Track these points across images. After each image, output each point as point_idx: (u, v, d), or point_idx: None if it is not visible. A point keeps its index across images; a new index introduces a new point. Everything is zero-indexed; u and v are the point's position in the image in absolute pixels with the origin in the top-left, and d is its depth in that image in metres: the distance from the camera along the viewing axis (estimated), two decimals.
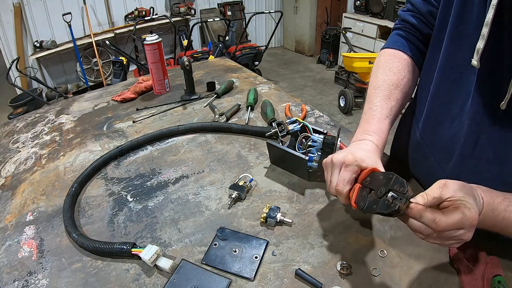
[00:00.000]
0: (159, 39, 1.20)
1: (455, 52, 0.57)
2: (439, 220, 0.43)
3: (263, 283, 0.57)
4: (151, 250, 0.59)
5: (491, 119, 0.53)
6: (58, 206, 0.75)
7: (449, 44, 0.58)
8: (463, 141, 0.58)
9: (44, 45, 3.77)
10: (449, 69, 0.59)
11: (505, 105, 0.48)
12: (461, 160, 0.60)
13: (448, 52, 0.58)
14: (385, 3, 3.84)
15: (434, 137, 0.66)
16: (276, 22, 3.89)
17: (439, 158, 0.66)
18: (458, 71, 0.56)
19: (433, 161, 0.67)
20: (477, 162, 0.58)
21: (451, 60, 0.58)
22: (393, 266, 0.58)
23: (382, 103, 0.66)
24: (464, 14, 0.53)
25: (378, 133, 0.64)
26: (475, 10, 0.51)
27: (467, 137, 0.57)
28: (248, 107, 1.12)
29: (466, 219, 0.43)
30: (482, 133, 0.55)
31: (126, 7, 4.42)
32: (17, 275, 0.60)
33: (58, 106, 1.26)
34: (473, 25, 0.52)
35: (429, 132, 0.68)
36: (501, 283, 0.52)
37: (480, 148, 0.56)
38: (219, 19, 4.41)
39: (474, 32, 0.50)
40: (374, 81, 0.70)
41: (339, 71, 4.30)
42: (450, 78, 0.59)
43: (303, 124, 0.82)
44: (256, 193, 0.77)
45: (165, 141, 0.98)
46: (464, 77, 0.55)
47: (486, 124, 0.54)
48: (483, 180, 0.53)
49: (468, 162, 0.59)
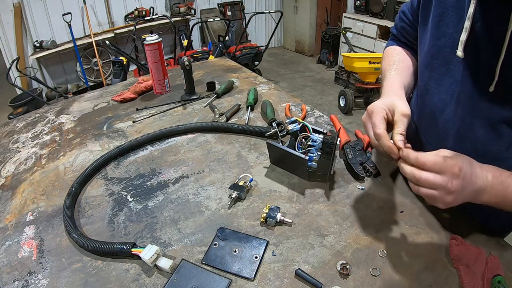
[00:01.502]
0: (159, 39, 1.20)
1: (440, 48, 0.63)
2: (420, 157, 0.50)
3: (263, 283, 0.57)
4: (151, 250, 0.59)
5: (482, 102, 0.58)
6: (58, 206, 0.76)
7: (433, 43, 0.65)
8: (457, 126, 0.63)
9: (44, 45, 3.77)
10: (437, 64, 0.65)
11: (493, 87, 0.54)
12: (458, 144, 0.64)
13: (433, 49, 0.65)
14: (385, 3, 3.84)
15: (429, 126, 0.71)
16: (276, 22, 3.89)
17: (435, 145, 0.69)
18: (445, 65, 0.62)
19: (430, 149, 0.69)
20: (474, 145, 0.62)
21: (437, 56, 0.64)
22: (393, 266, 0.58)
23: (395, 77, 0.75)
24: (443, 19, 0.61)
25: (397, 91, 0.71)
26: (452, 12, 0.59)
27: (461, 122, 0.62)
28: (248, 107, 1.12)
29: (446, 164, 0.49)
30: (475, 116, 0.60)
31: (126, 7, 4.42)
32: (17, 275, 0.60)
33: (58, 106, 1.26)
34: (452, 24, 0.59)
35: (424, 122, 0.74)
36: (501, 283, 0.52)
37: (475, 130, 0.61)
38: (219, 19, 4.40)
39: (454, 30, 0.59)
40: (388, 60, 0.82)
41: (339, 71, 4.30)
42: (438, 72, 0.65)
43: (302, 124, 0.82)
44: (256, 193, 0.77)
45: (165, 141, 0.98)
46: (451, 68, 0.61)
47: (477, 107, 0.59)
48: (481, 161, 0.56)
49: (465, 145, 0.63)
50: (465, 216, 0.67)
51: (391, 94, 0.67)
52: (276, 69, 5.06)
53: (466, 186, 0.50)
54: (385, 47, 0.90)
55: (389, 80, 0.73)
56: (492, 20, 0.53)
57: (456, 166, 0.49)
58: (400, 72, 0.76)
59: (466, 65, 0.58)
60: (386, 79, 0.75)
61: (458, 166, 0.49)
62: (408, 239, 0.63)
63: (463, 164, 0.50)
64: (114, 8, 4.34)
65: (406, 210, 0.69)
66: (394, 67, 0.78)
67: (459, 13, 0.58)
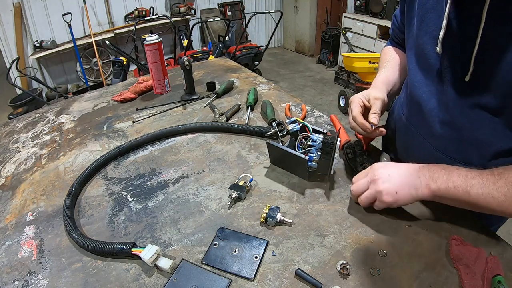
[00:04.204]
0: (159, 39, 1.20)
1: (422, 46, 0.69)
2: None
3: (263, 283, 0.57)
4: (151, 250, 0.59)
5: (461, 91, 0.64)
6: (58, 206, 0.76)
7: (417, 42, 0.71)
8: (442, 115, 0.69)
9: (44, 45, 3.76)
10: (421, 60, 0.71)
11: (469, 77, 0.60)
12: (445, 131, 0.70)
13: (417, 47, 0.71)
14: (385, 3, 3.84)
15: (417, 116, 0.77)
16: (276, 22, 3.89)
17: (424, 134, 0.77)
18: (428, 60, 0.69)
19: (420, 138, 0.78)
20: (459, 131, 0.67)
21: (421, 53, 0.71)
22: (393, 266, 0.58)
23: (382, 74, 0.87)
24: (424, 20, 0.67)
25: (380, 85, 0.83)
26: (432, 14, 0.65)
27: (445, 111, 0.68)
28: (248, 107, 1.12)
29: (366, 170, 0.68)
30: (456, 104, 0.65)
31: (126, 7, 4.42)
32: (17, 275, 0.60)
33: (58, 106, 1.26)
34: (432, 23, 0.65)
35: (413, 113, 0.80)
36: (501, 283, 0.52)
37: (459, 118, 0.66)
38: (219, 19, 4.40)
39: (433, 28, 0.65)
40: (382, 59, 0.94)
41: (339, 71, 4.30)
42: (423, 67, 0.71)
43: (302, 124, 0.82)
44: (256, 193, 0.77)
45: (165, 141, 0.98)
46: (433, 63, 0.68)
47: (457, 96, 0.64)
48: (469, 147, 0.67)
49: (452, 133, 0.69)
50: (465, 216, 0.67)
51: (371, 88, 0.82)
52: (276, 69, 5.06)
53: (391, 174, 0.63)
54: (384, 47, 1.00)
55: (376, 78, 0.87)
56: (465, 18, 0.58)
57: (371, 167, 0.66)
58: (389, 69, 0.88)
59: (445, 60, 0.64)
60: (375, 78, 0.87)
61: (372, 167, 0.66)
62: (408, 239, 0.63)
63: (376, 164, 0.67)
64: (114, 8, 4.34)
65: (406, 210, 0.69)
66: (385, 65, 0.90)
67: (438, 13, 0.63)
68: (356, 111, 0.75)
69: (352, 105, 0.76)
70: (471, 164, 0.64)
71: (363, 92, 0.79)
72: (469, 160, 0.68)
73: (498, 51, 0.55)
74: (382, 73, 0.87)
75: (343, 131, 0.92)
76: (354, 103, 0.76)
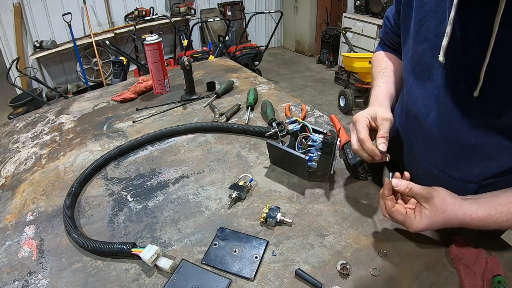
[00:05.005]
0: (159, 39, 1.20)
1: (421, 53, 0.63)
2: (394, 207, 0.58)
3: (263, 283, 0.57)
4: (151, 250, 0.59)
5: (467, 107, 0.58)
6: (58, 206, 0.76)
7: (415, 49, 0.65)
8: (443, 131, 0.63)
9: (44, 45, 3.76)
10: (419, 69, 0.65)
11: (478, 92, 0.53)
12: (445, 146, 0.65)
13: (415, 54, 0.65)
14: (385, 3, 3.84)
15: (414, 130, 0.72)
16: (276, 22, 3.89)
17: (421, 149, 0.72)
18: (427, 70, 0.62)
19: (417, 154, 0.73)
20: (460, 148, 0.62)
21: (419, 61, 0.64)
22: (393, 266, 0.58)
23: (382, 87, 0.79)
24: (424, 24, 0.61)
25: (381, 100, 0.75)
26: (432, 17, 0.59)
27: (446, 126, 0.62)
28: (248, 107, 1.12)
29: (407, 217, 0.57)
30: (460, 121, 0.59)
31: (126, 7, 4.42)
32: (17, 275, 0.60)
33: (58, 106, 1.26)
34: (432, 28, 0.59)
35: (409, 126, 0.75)
36: (501, 283, 0.52)
37: (461, 135, 0.60)
38: (219, 19, 4.40)
39: (434, 34, 0.58)
40: (376, 67, 0.86)
41: (339, 71, 4.30)
42: (421, 77, 0.65)
43: (302, 124, 0.82)
44: (256, 193, 0.77)
45: (165, 141, 0.98)
46: (434, 73, 0.61)
47: (462, 113, 0.58)
48: (469, 162, 0.62)
49: (452, 148, 0.64)
50: None
51: (375, 104, 0.72)
52: (276, 69, 5.05)
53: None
54: (374, 52, 0.93)
55: (376, 90, 0.78)
56: (474, 25, 0.52)
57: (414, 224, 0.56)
58: (386, 80, 0.80)
59: (448, 70, 0.58)
60: (374, 89, 0.79)
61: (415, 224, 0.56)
62: (408, 239, 0.63)
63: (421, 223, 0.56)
64: (114, 8, 4.34)
65: None
66: (381, 75, 0.81)
67: (438, 17, 0.57)
68: (364, 133, 0.63)
69: (359, 126, 0.65)
70: (470, 183, 0.63)
71: (369, 110, 0.68)
72: (469, 179, 0.64)
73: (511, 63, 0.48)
74: (381, 86, 0.78)
75: (343, 131, 0.92)
76: (360, 123, 0.65)
